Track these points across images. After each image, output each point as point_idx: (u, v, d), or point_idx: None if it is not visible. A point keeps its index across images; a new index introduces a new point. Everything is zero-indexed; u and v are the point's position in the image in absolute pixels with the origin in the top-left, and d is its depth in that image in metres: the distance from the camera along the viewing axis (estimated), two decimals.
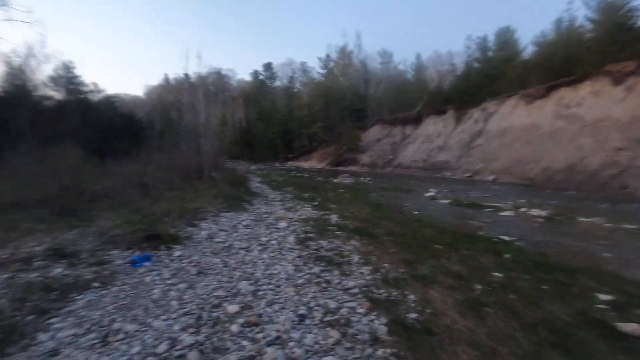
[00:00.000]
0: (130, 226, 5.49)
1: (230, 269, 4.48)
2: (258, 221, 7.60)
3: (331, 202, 10.98)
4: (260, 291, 3.82)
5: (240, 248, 5.44)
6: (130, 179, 10.03)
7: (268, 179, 20.13)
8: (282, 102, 52.96)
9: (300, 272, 4.46)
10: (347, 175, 23.87)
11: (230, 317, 3.18)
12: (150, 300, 3.43)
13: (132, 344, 2.65)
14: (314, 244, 5.82)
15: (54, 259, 3.99)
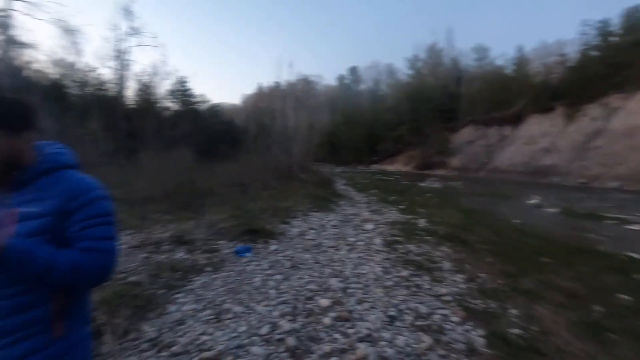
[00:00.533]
0: (233, 220, 6.14)
1: (321, 265, 4.70)
2: (345, 222, 7.77)
3: (418, 206, 10.61)
4: (349, 289, 3.92)
5: (329, 246, 5.65)
6: (231, 179, 11.20)
7: (353, 182, 20.35)
8: (366, 105, 52.98)
9: (388, 274, 4.45)
10: (434, 179, 22.73)
11: (323, 310, 3.35)
12: (253, 287, 3.81)
13: (240, 323, 2.99)
14: (402, 248, 5.73)
15: (177, 245, 4.70)
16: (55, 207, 0.97)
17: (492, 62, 43.90)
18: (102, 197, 1.05)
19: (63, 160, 1.07)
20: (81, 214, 0.99)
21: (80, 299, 1.06)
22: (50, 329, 0.98)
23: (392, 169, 39.37)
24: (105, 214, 1.04)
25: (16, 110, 0.97)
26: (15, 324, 0.94)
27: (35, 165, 1.01)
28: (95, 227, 1.00)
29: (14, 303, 0.94)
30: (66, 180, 1.03)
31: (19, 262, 0.85)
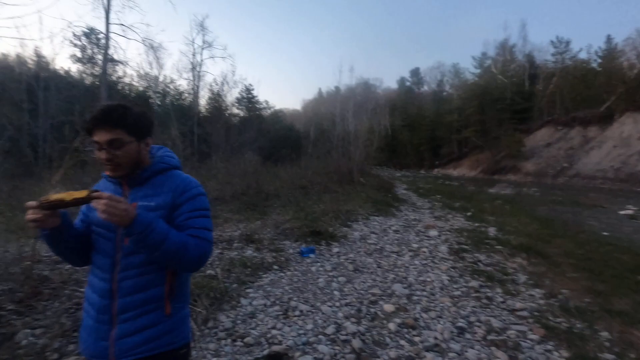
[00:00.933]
0: (296, 222, 6.36)
1: (384, 270, 4.65)
2: (407, 227, 7.58)
3: (487, 213, 9.93)
4: (414, 296, 3.84)
5: (391, 251, 5.57)
6: (293, 182, 11.60)
7: (414, 186, 19.73)
8: (429, 107, 51.03)
9: (455, 284, 4.26)
10: (505, 184, 21.05)
11: (387, 316, 3.32)
12: (317, 287, 3.92)
13: (306, 321, 3.10)
14: (470, 257, 5.43)
15: (246, 243, 5.01)
16: (168, 201, 1.14)
17: (574, 55, 39.50)
18: (202, 194, 1.22)
19: (172, 162, 1.25)
20: (186, 206, 1.15)
21: (183, 283, 1.22)
22: (162, 307, 1.13)
23: (456, 174, 37.34)
24: (205, 208, 1.20)
25: (142, 120, 1.14)
26: (138, 300, 1.11)
27: (151, 165, 1.19)
28: (197, 219, 1.15)
29: (137, 282, 1.11)
30: (175, 178, 1.20)
31: (144, 230, 1.00)
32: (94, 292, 1.15)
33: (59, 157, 11.22)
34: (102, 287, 1.13)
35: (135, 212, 1.00)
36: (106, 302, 1.12)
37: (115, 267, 1.12)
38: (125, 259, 1.12)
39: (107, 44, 14.73)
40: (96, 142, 1.07)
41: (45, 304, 2.81)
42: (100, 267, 1.15)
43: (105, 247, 1.14)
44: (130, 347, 1.10)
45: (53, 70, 20.60)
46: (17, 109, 15.37)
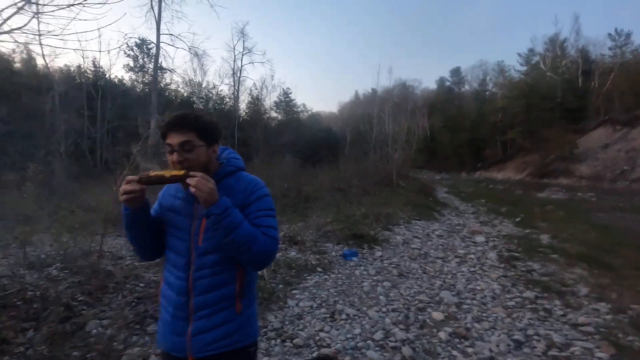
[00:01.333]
0: (337, 224, 6.35)
1: (430, 276, 4.51)
2: (451, 232, 7.31)
3: (538, 219, 9.32)
4: (464, 304, 3.68)
5: (436, 257, 5.39)
6: (331, 184, 11.61)
7: (455, 190, 19.03)
8: (471, 107, 48.99)
9: (508, 294, 4.03)
10: (556, 189, 19.71)
11: (437, 324, 3.21)
12: (362, 291, 3.88)
13: (354, 325, 3.08)
14: (522, 265, 5.13)
15: (290, 244, 5.08)
16: (238, 203, 1.17)
17: (635, 49, 36.15)
18: (268, 195, 1.26)
19: (239, 164, 1.29)
20: (255, 206, 1.19)
21: (252, 282, 1.26)
22: (233, 305, 1.18)
23: (500, 177, 35.47)
24: (271, 208, 1.24)
25: (212, 127, 1.21)
26: (212, 299, 1.16)
27: (220, 169, 1.24)
28: (264, 218, 1.18)
29: (211, 281, 1.16)
30: (243, 180, 1.25)
31: (222, 212, 1.05)
32: (170, 289, 1.21)
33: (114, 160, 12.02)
34: (178, 285, 1.18)
35: (217, 196, 1.07)
36: (183, 299, 1.17)
37: (190, 266, 1.17)
38: (199, 258, 1.17)
39: (158, 53, 15.65)
40: (169, 145, 1.14)
41: (110, 297, 3.01)
42: (176, 266, 1.21)
43: (180, 247, 1.20)
44: (206, 343, 1.15)
45: (109, 79, 22.29)
46: (78, 115, 16.78)
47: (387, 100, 30.87)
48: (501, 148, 42.23)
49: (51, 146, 11.02)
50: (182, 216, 1.22)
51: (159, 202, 1.31)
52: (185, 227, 1.20)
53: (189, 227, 1.19)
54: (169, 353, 1.22)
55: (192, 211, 1.20)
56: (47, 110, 13.88)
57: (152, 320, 2.75)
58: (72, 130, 14.51)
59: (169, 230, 1.25)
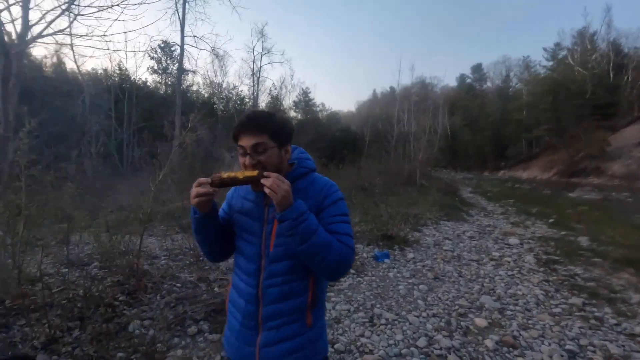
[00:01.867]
0: (365, 225, 6.24)
1: (467, 279, 4.34)
2: (482, 233, 7.06)
3: (573, 220, 8.91)
4: (507, 310, 3.51)
5: (470, 260, 5.20)
6: (353, 183, 11.47)
7: (480, 189, 18.51)
8: (493, 105, 47.68)
9: (553, 300, 3.83)
10: (588, 188, 18.86)
11: (481, 331, 3.06)
12: (399, 294, 3.76)
13: (395, 331, 2.97)
14: (563, 270, 4.87)
15: None
16: (313, 207, 1.09)
17: None
18: (342, 198, 1.17)
19: (311, 165, 1.22)
20: (329, 211, 1.11)
21: (323, 292, 1.18)
22: (304, 318, 1.10)
23: (525, 176, 34.35)
24: (346, 213, 1.15)
25: (285, 127, 1.13)
26: (283, 309, 1.09)
27: (292, 171, 1.16)
28: (339, 224, 1.10)
29: (282, 290, 1.09)
30: (317, 182, 1.17)
31: (298, 216, 0.98)
32: (240, 296, 1.16)
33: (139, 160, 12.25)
34: (248, 292, 1.13)
35: (291, 200, 1.00)
36: (252, 308, 1.11)
37: (260, 273, 1.11)
38: (270, 265, 1.10)
39: (182, 54, 15.92)
40: (241, 147, 1.08)
41: (149, 297, 3.02)
42: (245, 272, 1.15)
43: (250, 252, 1.14)
44: (275, 356, 1.09)
45: (134, 82, 22.87)
46: (106, 117, 17.28)
47: (406, 99, 30.41)
48: (526, 146, 40.91)
49: (82, 147, 11.37)
50: (252, 219, 1.15)
51: (227, 203, 1.25)
52: (255, 231, 1.13)
53: (260, 232, 1.12)
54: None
55: (262, 214, 1.13)
56: (78, 113, 14.35)
57: (192, 322, 2.73)
58: (101, 132, 14.96)
59: (238, 233, 1.19)
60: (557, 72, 38.39)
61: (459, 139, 46.31)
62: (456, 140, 46.04)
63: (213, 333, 2.63)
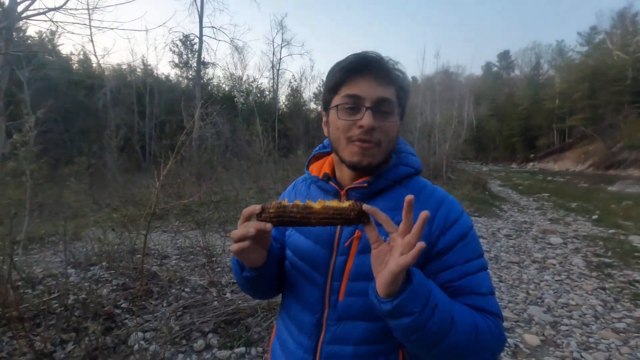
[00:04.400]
0: None
1: (508, 285, 3.85)
2: (519, 231, 6.47)
3: (620, 217, 8.13)
4: (560, 324, 3.02)
5: (510, 262, 4.68)
6: None
7: (510, 182, 17.57)
8: (523, 93, 45.47)
9: (613, 312, 3.30)
10: (630, 181, 17.53)
11: (533, 351, 2.61)
12: None
13: None
14: (619, 275, 4.28)
15: None
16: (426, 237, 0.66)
17: None
18: (472, 227, 0.71)
19: (417, 165, 0.76)
20: (457, 253, 0.66)
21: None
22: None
23: (557, 168, 32.61)
24: (481, 254, 0.69)
25: (409, 89, 0.72)
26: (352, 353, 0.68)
27: (390, 169, 0.72)
28: (478, 275, 0.66)
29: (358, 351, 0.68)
30: (426, 194, 0.71)
31: (424, 307, 0.54)
32: (287, 356, 0.76)
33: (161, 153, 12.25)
34: (299, 357, 0.73)
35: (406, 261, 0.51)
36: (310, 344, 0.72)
37: (321, 332, 0.71)
38: (336, 324, 0.69)
39: (201, 46, 15.77)
40: (353, 97, 0.65)
41: (155, 304, 2.74)
42: (297, 324, 0.75)
43: (308, 295, 0.73)
44: None
45: (156, 76, 23.09)
46: (128, 111, 17.47)
47: (430, 89, 29.34)
48: (558, 137, 38.89)
49: (104, 141, 11.44)
50: (316, 244, 0.73)
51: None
52: (318, 264, 0.72)
53: (326, 265, 0.71)
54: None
55: (332, 237, 0.71)
56: (100, 107, 14.50)
57: (199, 335, 2.42)
58: (123, 126, 15.09)
59: (292, 261, 0.78)
60: (594, 57, 36.04)
61: (485, 130, 44.60)
62: (482, 131, 44.35)
63: (222, 349, 2.30)
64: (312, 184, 0.81)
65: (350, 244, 0.68)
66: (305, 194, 0.81)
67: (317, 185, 0.78)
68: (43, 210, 4.22)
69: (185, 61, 25.70)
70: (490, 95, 47.05)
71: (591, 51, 38.10)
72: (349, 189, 0.72)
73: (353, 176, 0.72)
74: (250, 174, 10.13)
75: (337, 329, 0.69)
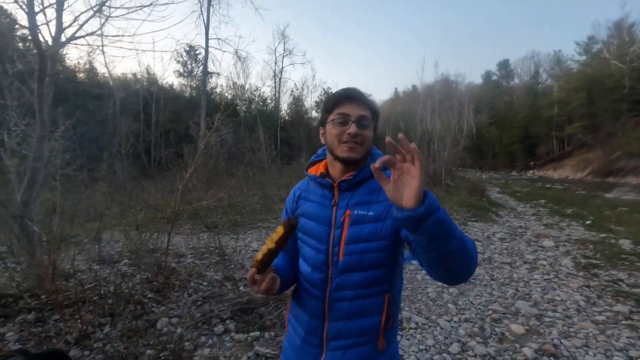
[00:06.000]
0: None
1: (499, 283, 4.14)
2: (514, 235, 6.75)
3: (612, 222, 8.40)
4: (545, 317, 3.30)
5: (502, 262, 4.97)
6: None
7: (508, 190, 17.83)
8: (522, 102, 45.96)
9: (595, 307, 3.58)
10: (627, 189, 17.79)
11: (518, 338, 2.89)
12: (428, 297, 3.62)
13: (425, 335, 2.85)
14: (605, 274, 4.57)
15: None
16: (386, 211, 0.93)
17: None
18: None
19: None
20: None
21: (397, 311, 1.04)
22: (375, 340, 0.96)
23: (557, 176, 32.88)
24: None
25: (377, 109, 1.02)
26: (351, 328, 0.95)
27: (367, 166, 0.99)
28: None
29: (352, 306, 0.94)
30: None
31: (436, 207, 0.68)
32: (303, 308, 1.03)
33: (167, 160, 12.56)
34: (312, 305, 0.99)
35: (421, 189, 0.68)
36: (316, 323, 0.99)
37: (328, 284, 0.97)
38: (339, 276, 0.95)
39: (207, 57, 16.24)
40: (343, 115, 0.95)
41: (177, 295, 3.04)
42: (309, 281, 1.00)
43: (315, 260, 0.99)
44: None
45: (161, 85, 23.57)
46: (135, 119, 17.88)
47: (430, 97, 29.80)
48: (557, 145, 39.21)
49: (113, 148, 11.79)
50: (317, 223, 1.01)
51: (286, 211, 1.14)
52: (322, 237, 0.98)
53: (327, 237, 0.97)
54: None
55: (330, 217, 0.98)
56: (109, 116, 14.91)
57: (218, 321, 2.72)
58: (130, 134, 15.49)
59: (302, 238, 1.05)
60: (592, 66, 36.58)
61: (485, 138, 44.95)
62: (482, 139, 44.71)
63: (239, 333, 2.60)
64: (310, 181, 1.10)
65: (344, 220, 0.96)
66: (305, 188, 1.10)
67: (315, 181, 1.06)
68: (67, 212, 4.55)
69: (190, 70, 26.23)
70: (490, 103, 47.55)
71: (589, 60, 38.63)
72: (340, 182, 0.99)
73: (342, 172, 1.00)
74: (255, 181, 10.45)
75: (340, 279, 0.95)
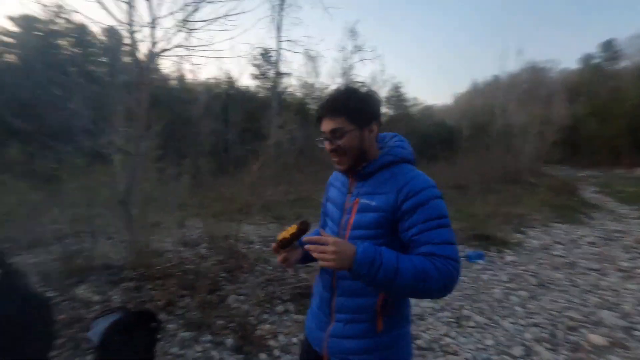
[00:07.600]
0: (457, 223, 5.82)
1: (581, 290, 3.73)
2: (608, 240, 5.94)
3: None
4: (635, 330, 2.91)
5: (588, 268, 4.44)
6: (446, 180, 10.76)
7: (608, 189, 15.47)
8: (631, 87, 39.17)
9: None
10: None
11: (597, 349, 2.62)
12: (493, 298, 3.44)
13: (485, 335, 2.74)
14: None
15: None
16: (390, 203, 0.96)
17: None
18: (436, 197, 0.96)
19: (401, 154, 1.05)
20: (419, 215, 0.92)
21: (402, 302, 1.07)
22: (373, 321, 1.01)
23: None
24: (442, 215, 0.94)
25: (365, 105, 1.02)
26: (351, 305, 1.04)
27: (377, 158, 1.04)
28: (434, 230, 0.91)
29: (352, 285, 1.02)
30: (402, 176, 0.99)
31: (368, 271, 0.84)
32: (321, 280, 1.15)
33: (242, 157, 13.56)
34: (325, 278, 1.11)
35: (353, 249, 0.85)
36: (327, 295, 1.10)
37: None
38: None
39: (278, 59, 17.09)
40: (322, 133, 1.03)
41: (245, 276, 3.38)
42: None
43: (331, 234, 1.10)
44: (341, 350, 1.05)
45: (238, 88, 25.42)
46: (215, 119, 19.65)
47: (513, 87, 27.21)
48: None
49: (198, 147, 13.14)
50: (335, 206, 1.13)
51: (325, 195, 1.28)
52: (336, 220, 1.10)
53: (339, 220, 1.08)
54: (309, 343, 1.17)
55: (344, 202, 1.09)
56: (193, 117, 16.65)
57: (279, 302, 2.97)
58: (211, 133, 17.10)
59: (326, 218, 1.21)
60: None
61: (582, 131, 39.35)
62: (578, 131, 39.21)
63: (298, 314, 2.81)
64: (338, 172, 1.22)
65: (351, 207, 1.04)
66: (335, 176, 1.23)
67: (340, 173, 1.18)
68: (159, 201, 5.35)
69: (263, 72, 27.78)
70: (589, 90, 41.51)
71: None
72: (353, 174, 1.08)
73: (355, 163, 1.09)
74: (320, 177, 10.77)
75: None
